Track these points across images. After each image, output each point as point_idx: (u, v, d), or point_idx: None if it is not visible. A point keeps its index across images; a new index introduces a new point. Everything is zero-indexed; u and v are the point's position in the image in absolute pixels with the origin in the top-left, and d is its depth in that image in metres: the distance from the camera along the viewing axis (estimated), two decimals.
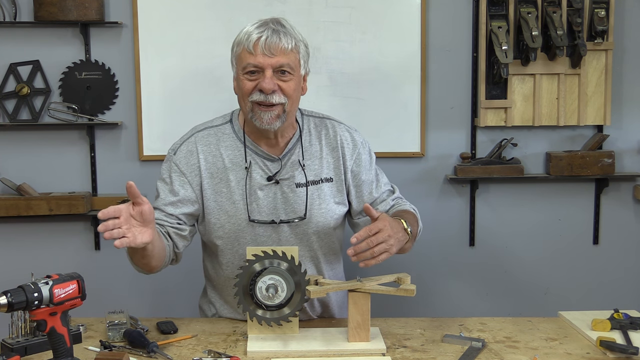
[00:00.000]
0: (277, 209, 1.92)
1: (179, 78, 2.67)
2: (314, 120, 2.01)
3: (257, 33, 1.83)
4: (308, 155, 1.95)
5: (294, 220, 1.92)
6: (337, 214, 1.98)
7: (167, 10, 2.64)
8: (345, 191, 1.99)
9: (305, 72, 1.93)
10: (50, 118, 2.66)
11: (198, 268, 2.13)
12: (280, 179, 1.92)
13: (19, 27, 2.63)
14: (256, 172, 1.92)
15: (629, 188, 2.84)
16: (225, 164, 1.92)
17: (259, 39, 1.81)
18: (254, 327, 1.79)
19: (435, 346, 1.76)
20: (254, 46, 1.82)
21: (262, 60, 1.82)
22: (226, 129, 1.97)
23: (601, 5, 2.68)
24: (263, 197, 1.91)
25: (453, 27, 2.73)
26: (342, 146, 1.98)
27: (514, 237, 2.84)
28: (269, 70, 1.82)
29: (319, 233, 1.95)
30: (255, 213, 1.91)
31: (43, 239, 2.72)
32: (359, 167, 2.00)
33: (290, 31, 1.86)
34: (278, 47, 1.81)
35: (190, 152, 1.93)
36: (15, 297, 1.42)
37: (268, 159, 1.92)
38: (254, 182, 1.91)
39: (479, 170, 2.72)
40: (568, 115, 2.74)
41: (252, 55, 1.82)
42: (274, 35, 1.82)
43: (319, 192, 1.94)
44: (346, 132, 2.01)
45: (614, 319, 1.83)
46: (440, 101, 2.76)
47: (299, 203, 1.92)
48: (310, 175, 1.94)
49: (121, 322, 1.79)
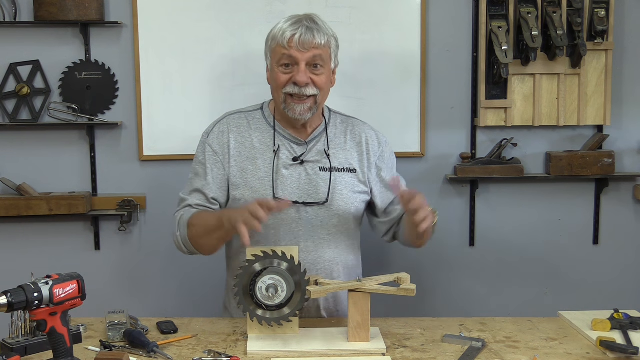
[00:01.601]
0: (301, 190, 2.00)
1: (179, 78, 2.67)
2: (340, 117, 2.14)
3: (291, 30, 1.93)
4: (333, 145, 2.06)
5: (316, 204, 1.99)
6: (358, 201, 2.06)
7: (167, 10, 2.64)
8: (368, 184, 2.08)
9: (335, 65, 2.05)
10: (50, 118, 2.66)
11: (198, 268, 2.14)
12: (305, 161, 2.01)
13: (19, 27, 2.63)
14: (283, 152, 2.01)
15: (629, 188, 2.84)
16: (254, 144, 2.02)
17: (293, 36, 1.92)
18: (254, 327, 1.79)
19: (435, 346, 1.76)
20: (288, 42, 1.92)
21: (296, 54, 1.93)
22: (257, 115, 2.08)
23: (601, 5, 2.67)
24: (288, 176, 2.00)
25: (453, 27, 2.73)
26: (367, 143, 2.09)
27: (514, 237, 2.84)
28: (302, 64, 1.93)
29: (339, 217, 2.03)
30: (279, 190, 1.98)
31: (43, 239, 2.72)
32: (383, 164, 2.10)
33: (322, 28, 1.98)
34: (312, 43, 1.93)
35: (222, 132, 2.05)
36: (15, 297, 1.43)
37: (295, 142, 2.03)
38: (280, 161, 2.00)
39: (479, 170, 2.72)
40: (568, 115, 2.74)
41: (287, 50, 1.93)
42: (308, 32, 1.93)
43: (342, 179, 2.03)
44: (371, 131, 2.13)
45: (614, 319, 1.83)
46: (440, 101, 2.75)
47: (322, 186, 2.00)
48: (334, 163, 2.03)
49: (121, 322, 1.79)
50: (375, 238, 2.24)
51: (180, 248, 2.02)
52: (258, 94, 2.24)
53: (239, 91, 2.65)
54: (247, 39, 2.64)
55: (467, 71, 2.75)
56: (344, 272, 2.06)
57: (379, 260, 2.69)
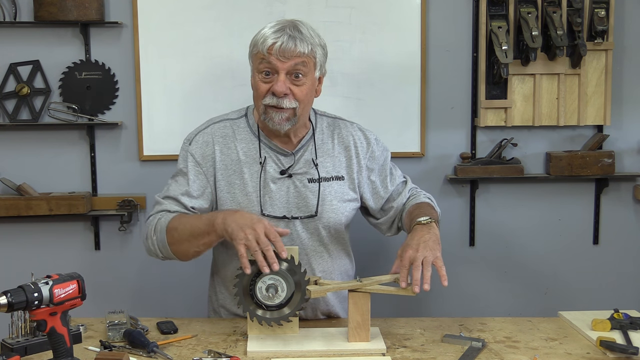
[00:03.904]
0: (290, 203, 1.96)
1: (179, 78, 2.67)
2: (327, 120, 2.07)
3: (272, 38, 1.85)
4: (321, 152, 2.00)
5: (306, 217, 1.96)
6: (347, 210, 2.02)
7: (167, 10, 2.64)
8: (357, 189, 2.04)
9: (321, 74, 1.97)
10: (50, 118, 2.66)
11: (198, 268, 2.14)
12: (293, 173, 1.96)
13: (19, 27, 2.63)
14: (270, 165, 1.96)
15: (629, 188, 2.84)
16: (240, 157, 1.96)
17: (274, 44, 1.84)
18: (254, 327, 1.79)
19: (435, 346, 1.76)
20: (268, 50, 1.85)
21: (276, 62, 1.85)
22: (241, 123, 2.01)
23: (601, 5, 2.67)
24: (276, 190, 1.95)
25: (453, 27, 2.73)
26: (355, 145, 2.04)
27: (514, 237, 2.84)
28: (282, 74, 1.86)
29: (329, 228, 2.00)
30: (267, 206, 1.94)
31: (43, 239, 2.72)
32: (374, 164, 2.06)
33: (306, 36, 1.88)
34: (293, 52, 1.85)
35: (206, 142, 1.97)
36: (15, 297, 1.43)
37: (281, 153, 1.97)
38: (267, 175, 1.95)
39: (479, 170, 2.72)
40: (568, 115, 2.74)
41: (266, 57, 1.86)
42: (290, 41, 1.85)
43: (331, 189, 1.99)
44: (359, 131, 2.07)
45: (614, 319, 1.83)
46: (440, 101, 2.75)
47: (311, 198, 1.96)
48: (322, 172, 1.98)
49: (121, 322, 1.79)
50: (374, 238, 2.24)
51: (153, 253, 1.92)
52: None
53: (239, 91, 2.65)
54: (247, 39, 2.58)
55: (467, 71, 2.75)
56: (340, 277, 2.06)
57: (378, 260, 2.69)
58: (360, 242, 2.32)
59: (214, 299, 2.10)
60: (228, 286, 2.00)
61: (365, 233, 2.25)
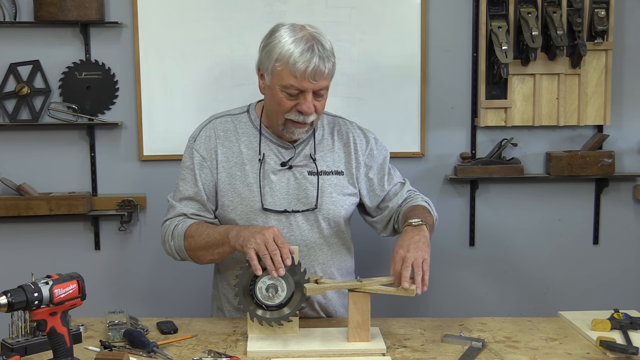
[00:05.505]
0: (290, 195, 1.98)
1: (179, 78, 2.67)
2: (327, 118, 2.11)
3: (303, 62, 1.82)
4: (320, 148, 2.04)
5: (306, 210, 1.98)
6: (347, 204, 2.04)
7: (167, 11, 2.64)
8: (356, 185, 2.06)
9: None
10: (50, 118, 2.66)
11: (199, 268, 2.13)
12: (294, 165, 1.99)
13: (19, 27, 2.63)
14: (270, 157, 1.99)
15: (629, 188, 2.84)
16: (241, 150, 2.00)
17: (307, 68, 1.83)
18: (254, 327, 1.79)
19: (435, 346, 1.76)
20: (301, 74, 1.83)
21: (307, 85, 1.85)
22: (243, 118, 2.05)
23: (601, 5, 2.67)
24: (276, 182, 1.98)
25: (453, 27, 2.73)
26: (354, 142, 2.07)
27: (514, 237, 2.84)
28: (310, 94, 1.87)
29: (329, 221, 2.02)
30: (267, 197, 1.96)
31: (43, 239, 2.72)
32: (372, 162, 2.08)
33: (329, 52, 1.89)
34: (322, 75, 1.86)
35: (208, 137, 2.02)
36: (15, 297, 1.43)
37: (282, 146, 2.00)
38: (268, 167, 1.98)
39: (479, 170, 2.72)
40: (568, 115, 2.74)
41: (297, 80, 1.85)
42: (320, 63, 1.84)
43: (330, 182, 2.01)
44: (358, 130, 2.11)
45: (614, 319, 1.83)
46: (440, 101, 2.75)
47: (311, 190, 1.99)
48: (322, 167, 2.01)
49: (121, 322, 1.79)
50: (373, 238, 2.24)
51: (171, 255, 2.02)
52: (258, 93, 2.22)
53: (239, 91, 2.65)
54: (247, 39, 2.64)
55: (467, 71, 2.75)
56: (338, 273, 2.06)
57: (378, 260, 2.69)
58: (362, 240, 2.32)
59: (218, 295, 2.11)
60: (231, 282, 2.01)
61: (367, 231, 2.25)
